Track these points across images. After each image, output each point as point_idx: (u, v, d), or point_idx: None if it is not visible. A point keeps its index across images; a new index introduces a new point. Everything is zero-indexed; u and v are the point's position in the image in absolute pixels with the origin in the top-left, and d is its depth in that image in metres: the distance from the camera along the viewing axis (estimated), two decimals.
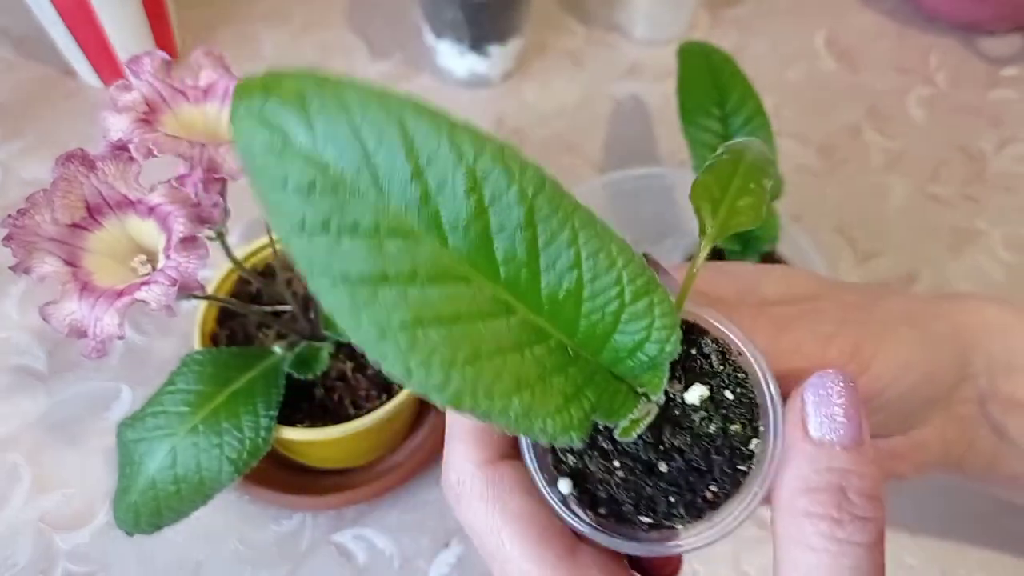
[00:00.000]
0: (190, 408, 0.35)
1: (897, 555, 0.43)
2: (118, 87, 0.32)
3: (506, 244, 0.16)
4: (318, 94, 0.15)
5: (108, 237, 0.32)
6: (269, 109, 0.15)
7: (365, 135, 0.15)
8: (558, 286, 0.17)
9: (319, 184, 0.15)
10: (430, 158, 0.15)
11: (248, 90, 0.15)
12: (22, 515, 0.43)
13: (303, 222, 0.15)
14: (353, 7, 0.67)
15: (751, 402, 0.22)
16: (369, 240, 0.15)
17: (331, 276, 0.15)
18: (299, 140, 0.15)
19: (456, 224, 0.16)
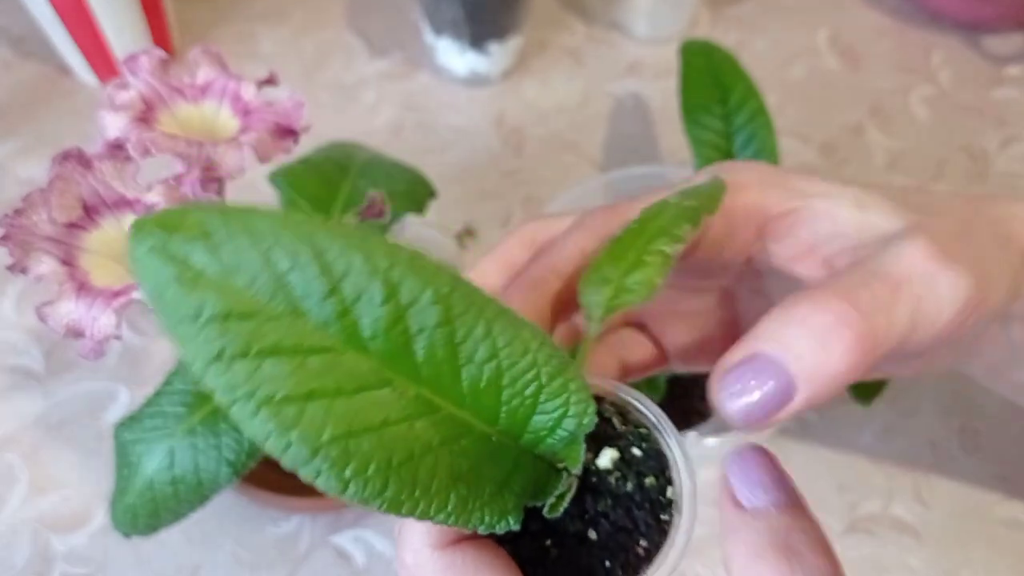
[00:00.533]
0: (188, 409, 0.35)
1: (900, 558, 0.43)
2: (115, 86, 0.32)
3: (425, 344, 0.17)
4: (223, 225, 0.15)
5: (105, 236, 0.32)
6: (173, 244, 0.14)
7: (276, 258, 0.15)
8: (478, 378, 0.18)
9: (234, 312, 0.15)
10: (345, 272, 0.15)
11: (148, 228, 0.14)
12: (19, 516, 0.42)
13: (222, 351, 0.15)
14: (352, 6, 0.67)
15: (658, 453, 0.23)
16: (291, 360, 0.15)
17: (255, 401, 0.15)
18: (209, 271, 0.14)
19: (376, 332, 0.16)
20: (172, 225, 0.14)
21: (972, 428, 0.47)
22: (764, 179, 0.25)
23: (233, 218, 0.15)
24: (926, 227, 0.23)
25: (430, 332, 0.17)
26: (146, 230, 0.14)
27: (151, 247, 0.14)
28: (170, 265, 0.14)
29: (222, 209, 0.15)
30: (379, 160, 0.44)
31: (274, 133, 0.32)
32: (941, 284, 0.22)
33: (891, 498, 0.44)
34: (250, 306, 0.15)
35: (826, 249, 0.25)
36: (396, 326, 0.16)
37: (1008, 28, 0.67)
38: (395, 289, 0.16)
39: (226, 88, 0.34)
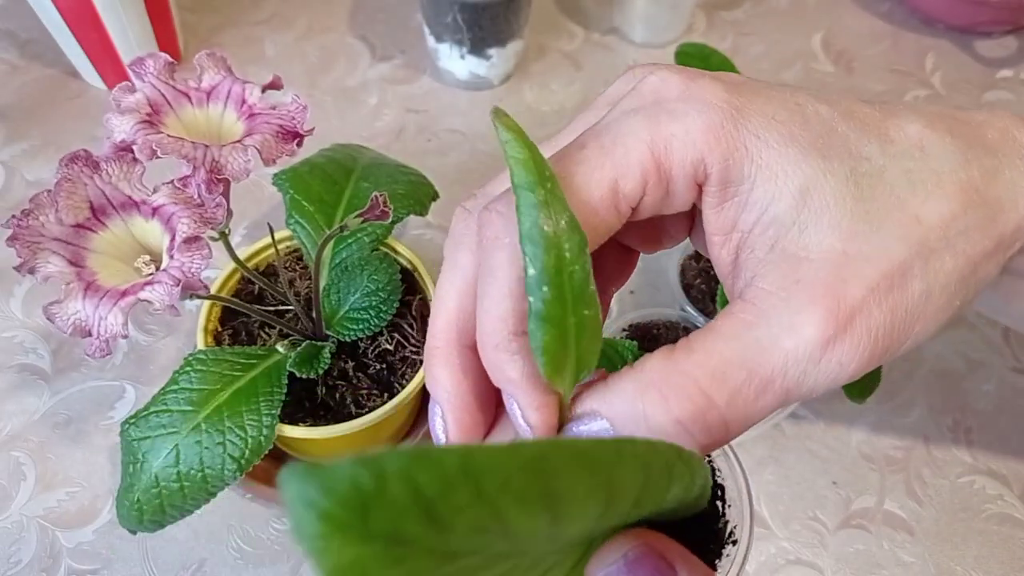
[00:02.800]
0: (193, 407, 0.35)
1: (894, 553, 0.43)
2: (122, 89, 0.33)
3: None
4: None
5: (112, 237, 0.32)
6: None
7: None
8: None
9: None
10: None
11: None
12: (26, 513, 0.43)
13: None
14: (355, 11, 0.68)
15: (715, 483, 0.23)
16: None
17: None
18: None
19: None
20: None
21: (965, 425, 0.48)
22: (711, 126, 0.22)
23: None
24: (845, 272, 0.20)
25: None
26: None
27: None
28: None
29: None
30: (382, 162, 0.45)
31: (278, 136, 0.33)
32: (825, 365, 0.20)
33: (885, 494, 0.45)
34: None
35: (746, 231, 0.22)
36: None
37: (1000, 32, 0.68)
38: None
39: (231, 91, 0.34)
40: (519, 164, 0.19)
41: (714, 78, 0.23)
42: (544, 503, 0.13)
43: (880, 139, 0.22)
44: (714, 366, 0.20)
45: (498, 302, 0.20)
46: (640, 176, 0.21)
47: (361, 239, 0.41)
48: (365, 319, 0.39)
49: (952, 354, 0.51)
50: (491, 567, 0.14)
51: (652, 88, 0.23)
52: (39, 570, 0.41)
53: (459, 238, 0.23)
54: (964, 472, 0.46)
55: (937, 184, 0.22)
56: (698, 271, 0.49)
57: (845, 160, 0.22)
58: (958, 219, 0.21)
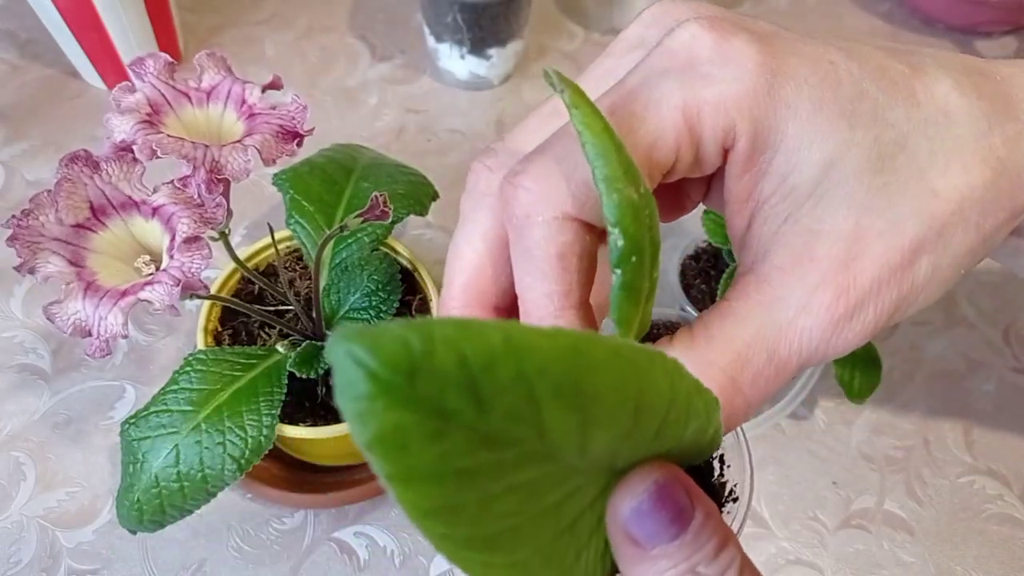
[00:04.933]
0: (193, 407, 0.35)
1: (894, 553, 0.43)
2: (122, 89, 0.33)
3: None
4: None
5: (112, 237, 0.32)
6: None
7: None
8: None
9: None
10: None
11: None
12: (26, 513, 0.43)
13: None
14: (355, 11, 0.68)
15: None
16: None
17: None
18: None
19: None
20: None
21: (965, 425, 0.48)
22: (744, 93, 0.21)
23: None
24: (858, 257, 0.21)
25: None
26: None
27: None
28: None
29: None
30: (382, 162, 0.45)
31: (278, 136, 0.33)
32: (836, 339, 0.21)
33: (885, 494, 0.45)
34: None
35: (763, 199, 0.22)
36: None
37: (1000, 32, 0.68)
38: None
39: (231, 92, 0.34)
40: (591, 131, 0.19)
41: (748, 35, 0.22)
42: (576, 399, 0.14)
43: (907, 102, 0.22)
44: (736, 351, 0.20)
45: (541, 280, 0.21)
46: (674, 142, 0.21)
47: (361, 239, 0.41)
48: (365, 319, 0.39)
49: (952, 354, 0.51)
50: (522, 469, 0.14)
51: (683, 46, 0.22)
52: (39, 570, 0.41)
53: (478, 196, 0.23)
54: (964, 472, 0.46)
55: (958, 154, 0.21)
56: (698, 271, 0.49)
57: (871, 127, 0.21)
58: (976, 191, 0.21)
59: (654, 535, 0.18)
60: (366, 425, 0.11)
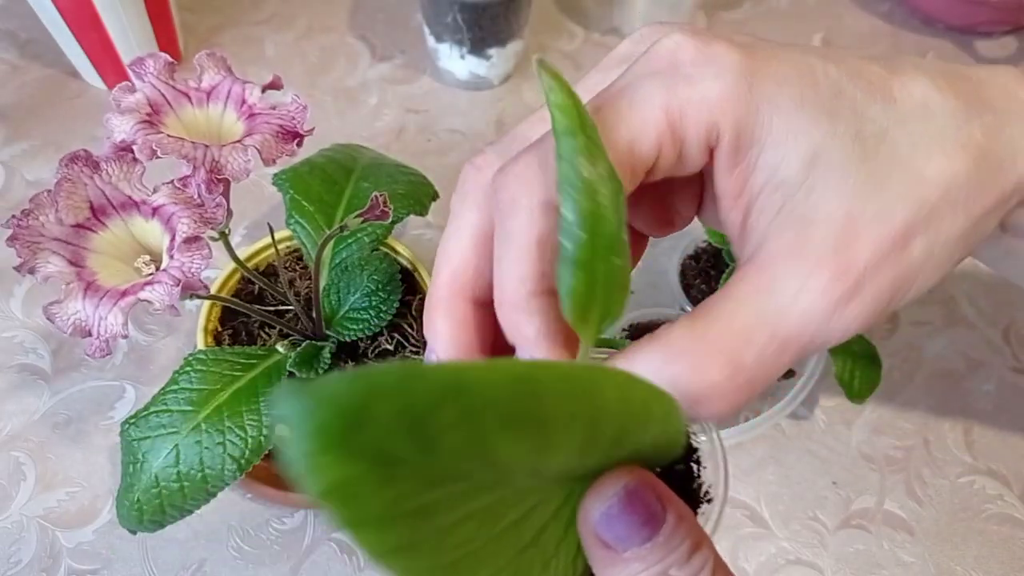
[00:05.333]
0: (193, 407, 0.35)
1: (894, 553, 0.43)
2: (122, 89, 0.33)
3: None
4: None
5: (112, 237, 0.32)
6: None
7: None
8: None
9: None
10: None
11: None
12: (26, 513, 0.43)
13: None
14: (355, 11, 0.68)
15: (688, 444, 0.23)
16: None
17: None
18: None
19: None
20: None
21: (965, 425, 0.48)
22: (725, 91, 0.22)
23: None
24: (847, 240, 0.21)
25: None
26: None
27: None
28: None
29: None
30: (382, 162, 0.45)
31: (278, 136, 0.33)
32: (836, 322, 0.21)
33: (885, 494, 0.45)
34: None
35: (755, 193, 0.23)
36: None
37: (1000, 32, 0.68)
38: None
39: (231, 92, 0.34)
40: (560, 110, 0.19)
41: (728, 42, 0.23)
42: (527, 427, 0.14)
43: (885, 99, 0.22)
44: (737, 331, 0.21)
45: (517, 263, 0.21)
46: (655, 139, 0.22)
47: (361, 239, 0.41)
48: (365, 319, 0.39)
49: (952, 354, 0.51)
50: (476, 497, 0.14)
51: (667, 51, 0.23)
52: (39, 570, 0.41)
53: (467, 193, 0.24)
54: (964, 472, 0.46)
55: (940, 144, 0.22)
56: (698, 271, 0.49)
57: (852, 122, 0.22)
58: (959, 177, 0.22)
59: (625, 538, 0.19)
60: (316, 479, 0.11)
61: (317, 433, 0.11)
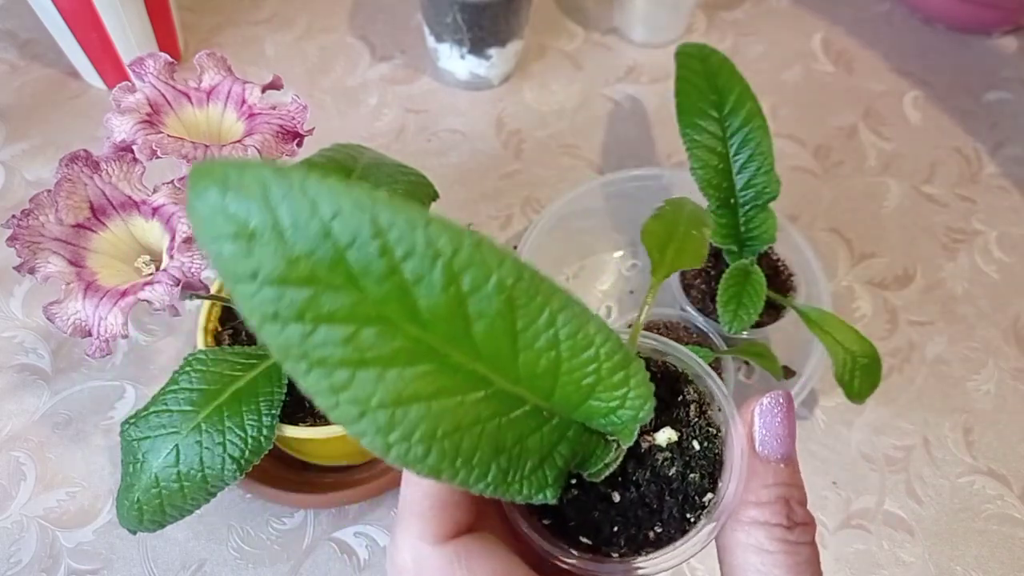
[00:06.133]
0: (193, 407, 0.35)
1: (894, 552, 0.43)
2: (122, 89, 0.33)
3: (484, 329, 0.16)
4: (282, 187, 0.14)
5: (112, 237, 0.32)
6: (231, 201, 0.14)
7: (337, 231, 0.14)
8: (535, 364, 0.18)
9: (291, 278, 0.15)
10: (406, 254, 0.15)
11: (205, 181, 0.14)
12: (26, 512, 0.43)
13: (276, 314, 0.15)
14: (355, 11, 0.68)
15: (716, 458, 0.23)
16: (346, 328, 0.15)
17: (306, 361, 0.15)
18: (266, 234, 0.14)
19: (434, 314, 0.16)
20: (231, 182, 0.14)
21: (965, 426, 0.48)
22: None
23: (294, 181, 0.14)
24: None
25: (490, 319, 0.16)
26: (204, 183, 0.14)
27: (209, 201, 0.14)
28: (228, 223, 0.14)
29: (281, 170, 0.14)
30: (382, 162, 0.45)
31: (278, 136, 0.33)
32: None
33: (885, 495, 0.45)
34: (307, 274, 0.15)
35: None
36: (456, 311, 0.16)
37: (1001, 32, 0.68)
38: (456, 276, 0.16)
39: (231, 92, 0.34)
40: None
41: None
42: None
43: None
44: None
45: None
46: None
47: None
48: None
49: (952, 354, 0.51)
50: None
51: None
52: (39, 570, 0.41)
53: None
54: (964, 472, 0.46)
55: None
56: (698, 271, 0.49)
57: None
58: None
59: (774, 438, 0.22)
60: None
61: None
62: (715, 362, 0.44)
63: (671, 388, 0.24)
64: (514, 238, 0.55)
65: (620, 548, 0.22)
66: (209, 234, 0.14)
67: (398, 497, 0.46)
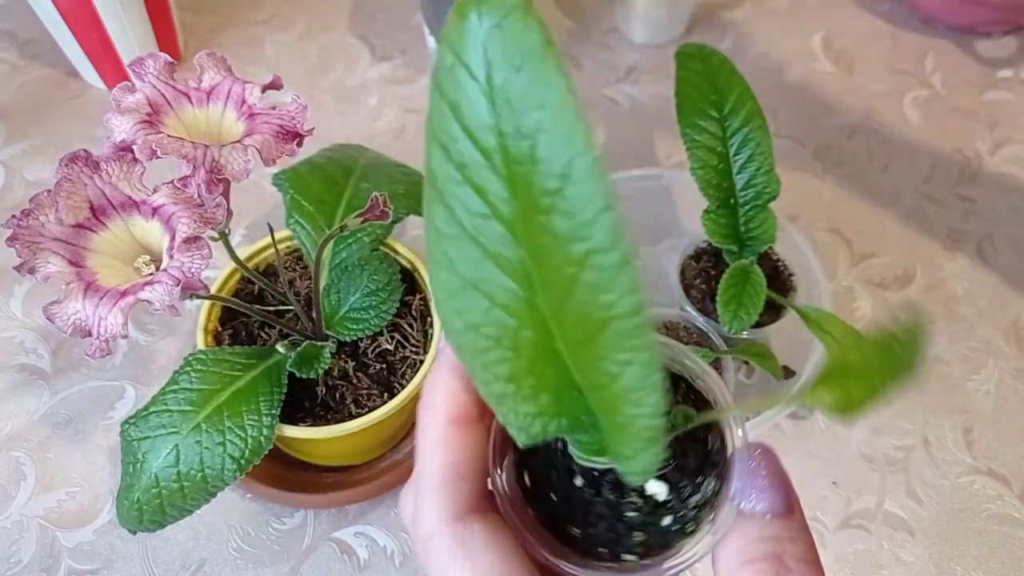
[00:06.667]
0: (193, 407, 0.35)
1: (894, 552, 0.43)
2: (122, 89, 0.33)
3: (580, 287, 0.17)
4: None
5: (112, 237, 0.32)
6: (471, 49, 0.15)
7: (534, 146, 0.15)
8: (594, 372, 0.18)
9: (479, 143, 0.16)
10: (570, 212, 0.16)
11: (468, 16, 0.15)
12: (26, 512, 0.43)
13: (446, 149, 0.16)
14: (355, 11, 0.68)
15: (711, 506, 0.22)
16: (483, 223, 0.17)
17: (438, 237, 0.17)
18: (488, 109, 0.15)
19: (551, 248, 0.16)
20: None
21: (965, 426, 0.48)
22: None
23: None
24: None
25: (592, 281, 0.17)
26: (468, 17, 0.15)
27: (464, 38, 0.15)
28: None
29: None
30: (382, 162, 0.45)
31: (278, 136, 0.33)
32: None
33: (885, 495, 0.45)
34: (485, 148, 0.15)
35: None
36: (567, 278, 0.16)
37: (1001, 32, 0.68)
38: (585, 258, 0.16)
39: (231, 92, 0.34)
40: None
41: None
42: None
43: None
44: None
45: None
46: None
47: (361, 239, 0.41)
48: (365, 319, 0.39)
49: (952, 354, 0.51)
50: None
51: None
52: (39, 570, 0.41)
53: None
54: (964, 472, 0.46)
55: None
56: (698, 271, 0.49)
57: None
58: None
59: (755, 490, 0.20)
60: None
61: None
62: (715, 362, 0.44)
63: (694, 433, 0.23)
64: None
65: (605, 557, 0.22)
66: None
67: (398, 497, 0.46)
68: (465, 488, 0.21)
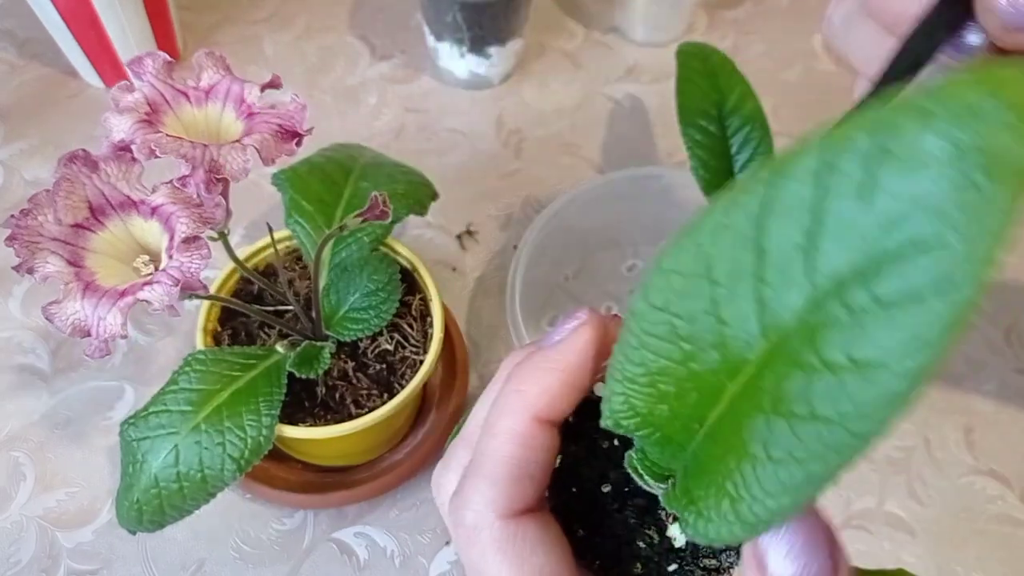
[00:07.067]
0: (193, 407, 0.35)
1: (895, 553, 0.43)
2: (120, 88, 0.32)
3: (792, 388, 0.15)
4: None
5: (111, 237, 0.32)
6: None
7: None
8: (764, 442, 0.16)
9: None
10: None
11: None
12: (25, 513, 0.43)
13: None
14: (355, 10, 0.68)
15: (720, 572, 0.22)
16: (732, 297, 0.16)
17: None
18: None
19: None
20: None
21: (966, 425, 0.48)
22: None
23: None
24: None
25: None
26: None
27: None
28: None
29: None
30: (381, 162, 0.45)
31: (278, 135, 0.33)
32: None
33: (885, 495, 0.45)
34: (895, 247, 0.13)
35: None
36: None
37: None
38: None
39: (230, 91, 0.34)
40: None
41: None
42: None
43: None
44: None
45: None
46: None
47: (361, 239, 0.41)
48: (365, 319, 0.39)
49: (952, 354, 0.50)
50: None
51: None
52: (39, 570, 0.41)
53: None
54: (965, 473, 0.46)
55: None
56: None
57: None
58: None
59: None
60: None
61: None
62: None
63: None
64: (514, 238, 0.54)
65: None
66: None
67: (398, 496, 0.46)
68: (529, 488, 0.21)
